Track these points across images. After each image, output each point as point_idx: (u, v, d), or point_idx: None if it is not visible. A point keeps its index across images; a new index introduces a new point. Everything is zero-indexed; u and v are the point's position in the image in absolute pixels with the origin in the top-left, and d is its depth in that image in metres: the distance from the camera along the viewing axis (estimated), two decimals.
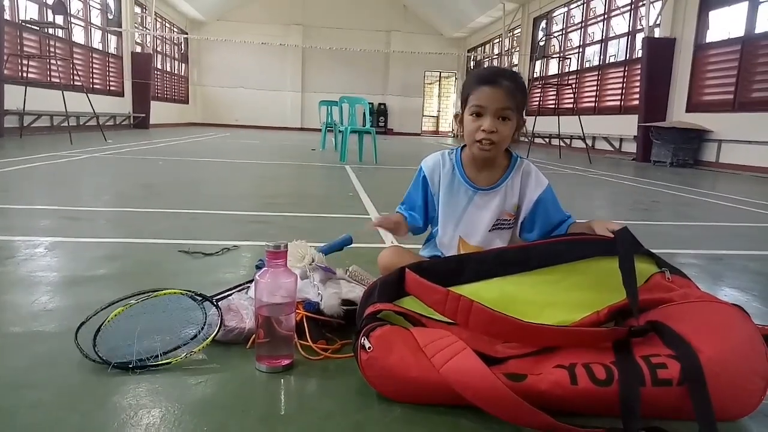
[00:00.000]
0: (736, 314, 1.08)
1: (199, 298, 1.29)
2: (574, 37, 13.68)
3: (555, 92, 12.14)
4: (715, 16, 8.82)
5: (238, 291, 1.49)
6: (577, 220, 1.57)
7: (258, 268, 1.69)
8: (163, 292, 1.27)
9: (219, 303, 1.32)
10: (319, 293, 1.39)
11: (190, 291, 1.30)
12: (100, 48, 13.40)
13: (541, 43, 14.12)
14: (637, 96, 10.09)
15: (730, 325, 1.06)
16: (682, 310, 1.12)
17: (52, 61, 9.69)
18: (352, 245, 1.87)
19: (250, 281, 1.49)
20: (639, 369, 0.98)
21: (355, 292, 1.43)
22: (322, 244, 1.78)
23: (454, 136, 21.17)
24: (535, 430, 0.95)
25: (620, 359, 1.00)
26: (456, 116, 1.56)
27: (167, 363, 1.15)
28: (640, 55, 10.11)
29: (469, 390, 0.98)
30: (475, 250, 1.53)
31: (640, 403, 0.95)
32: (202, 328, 1.24)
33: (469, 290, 1.21)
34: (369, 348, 1.07)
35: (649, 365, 0.98)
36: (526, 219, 1.55)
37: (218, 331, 1.25)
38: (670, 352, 1.00)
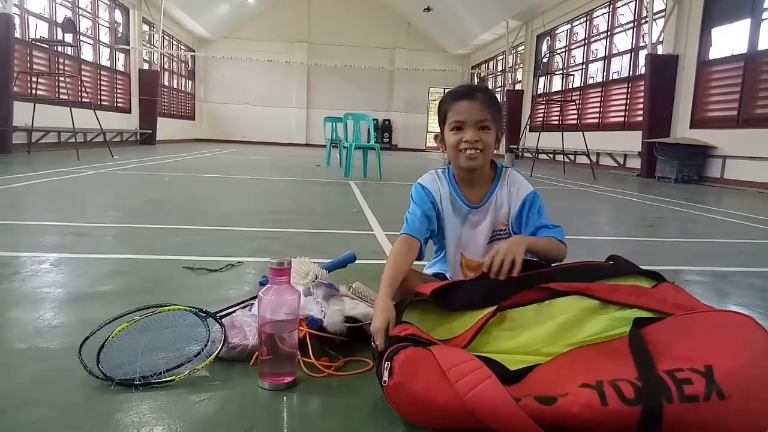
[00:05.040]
0: (750, 324, 1.07)
1: (203, 315, 1.30)
2: (578, 54, 13.76)
3: (559, 108, 12.19)
4: (717, 33, 8.87)
5: (242, 308, 1.49)
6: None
7: (262, 284, 1.69)
8: (167, 308, 1.28)
9: (222, 320, 1.33)
10: (322, 310, 1.39)
11: (193, 307, 1.30)
12: (108, 65, 13.57)
13: (545, 60, 14.20)
14: (641, 112, 10.11)
15: (746, 334, 1.04)
16: (697, 320, 1.11)
17: (61, 79, 9.82)
18: (356, 262, 1.87)
19: (254, 298, 1.49)
20: (665, 385, 0.95)
21: (358, 309, 1.44)
22: (325, 261, 1.79)
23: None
24: None
25: (644, 375, 0.98)
26: (436, 137, 1.59)
27: (170, 380, 1.16)
28: (643, 71, 10.15)
29: (495, 420, 0.97)
30: (476, 264, 1.56)
31: (662, 422, 0.92)
32: (206, 345, 1.24)
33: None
34: (393, 374, 1.04)
35: (674, 381, 0.95)
36: (514, 228, 1.57)
37: (221, 348, 1.25)
38: (693, 366, 0.97)
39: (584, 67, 13.27)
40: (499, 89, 18.73)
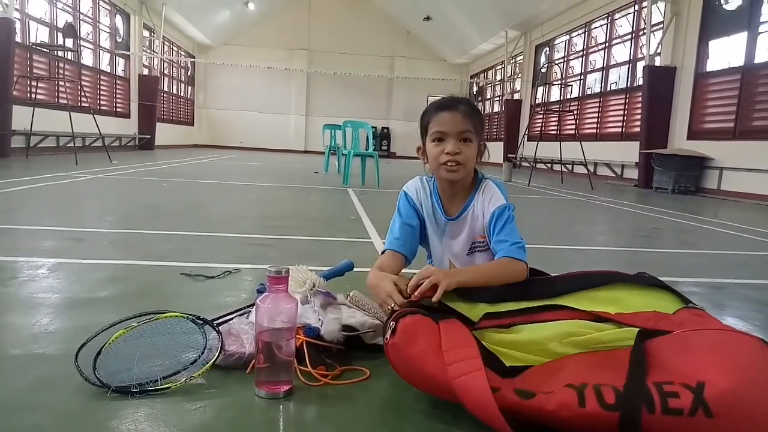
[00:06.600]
0: (757, 345, 1.03)
1: (200, 322, 1.29)
2: (576, 65, 13.84)
3: (557, 118, 12.24)
4: (714, 45, 8.93)
5: (239, 315, 1.49)
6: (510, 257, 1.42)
7: (259, 292, 1.69)
8: (164, 315, 1.28)
9: (219, 327, 1.32)
10: (319, 318, 1.39)
11: (191, 314, 1.30)
12: (108, 70, 13.60)
13: (543, 70, 14.28)
14: (639, 123, 10.16)
15: (751, 354, 1.01)
16: (702, 336, 1.09)
17: (61, 83, 9.83)
18: (353, 270, 1.87)
19: (251, 305, 1.49)
20: (649, 395, 0.95)
21: (356, 317, 1.44)
22: (323, 269, 1.79)
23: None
24: None
25: (629, 383, 0.98)
26: (418, 148, 1.59)
27: (167, 388, 1.15)
28: (641, 82, 10.21)
29: (475, 409, 1.01)
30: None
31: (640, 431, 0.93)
32: (202, 353, 1.24)
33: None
34: (394, 334, 1.12)
35: (660, 393, 0.95)
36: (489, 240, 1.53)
37: (218, 356, 1.25)
38: (685, 381, 0.96)
39: (582, 77, 13.34)
40: (498, 99, 18.82)
